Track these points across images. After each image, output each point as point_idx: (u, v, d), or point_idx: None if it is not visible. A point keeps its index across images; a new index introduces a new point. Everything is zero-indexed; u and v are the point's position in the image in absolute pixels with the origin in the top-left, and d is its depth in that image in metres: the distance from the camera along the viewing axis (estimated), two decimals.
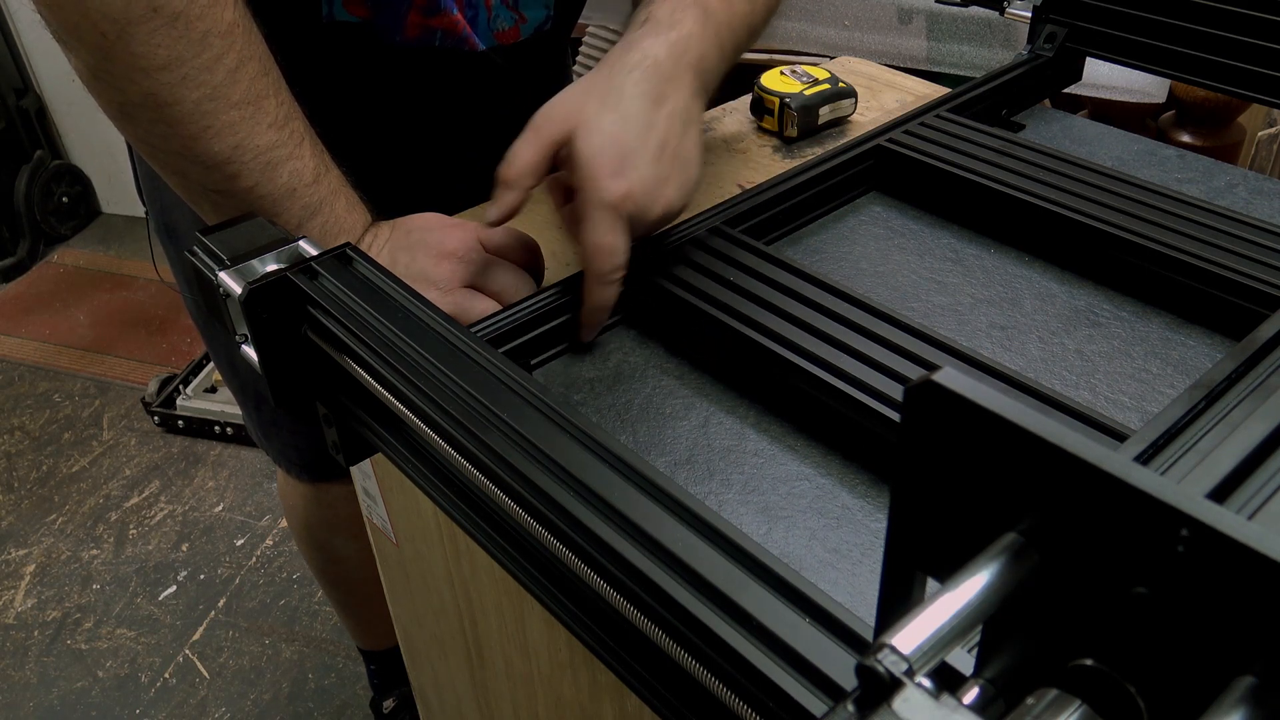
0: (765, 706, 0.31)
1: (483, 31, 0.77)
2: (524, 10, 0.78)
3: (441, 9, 0.73)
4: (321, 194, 0.62)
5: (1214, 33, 0.74)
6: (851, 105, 0.89)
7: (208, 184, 0.60)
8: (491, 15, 0.77)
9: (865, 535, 0.49)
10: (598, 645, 0.40)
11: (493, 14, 0.77)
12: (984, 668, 0.26)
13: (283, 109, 0.61)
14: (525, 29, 0.79)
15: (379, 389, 0.46)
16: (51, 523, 1.80)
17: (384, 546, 0.75)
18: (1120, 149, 0.79)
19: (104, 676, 1.53)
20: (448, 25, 0.74)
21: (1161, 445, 0.36)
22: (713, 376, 0.59)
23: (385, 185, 0.69)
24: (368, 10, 0.72)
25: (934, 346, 0.54)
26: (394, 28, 0.73)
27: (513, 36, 0.79)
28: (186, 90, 0.57)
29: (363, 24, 0.72)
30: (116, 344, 2.21)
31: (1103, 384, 0.56)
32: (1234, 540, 0.19)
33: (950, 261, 0.67)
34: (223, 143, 0.58)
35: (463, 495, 0.46)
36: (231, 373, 0.96)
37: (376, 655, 1.37)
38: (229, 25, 0.58)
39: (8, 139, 2.40)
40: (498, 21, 0.77)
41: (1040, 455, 0.22)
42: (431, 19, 0.73)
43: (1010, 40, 1.47)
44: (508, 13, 0.78)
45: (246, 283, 0.49)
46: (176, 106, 0.57)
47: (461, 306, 0.60)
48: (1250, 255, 0.60)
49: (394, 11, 0.72)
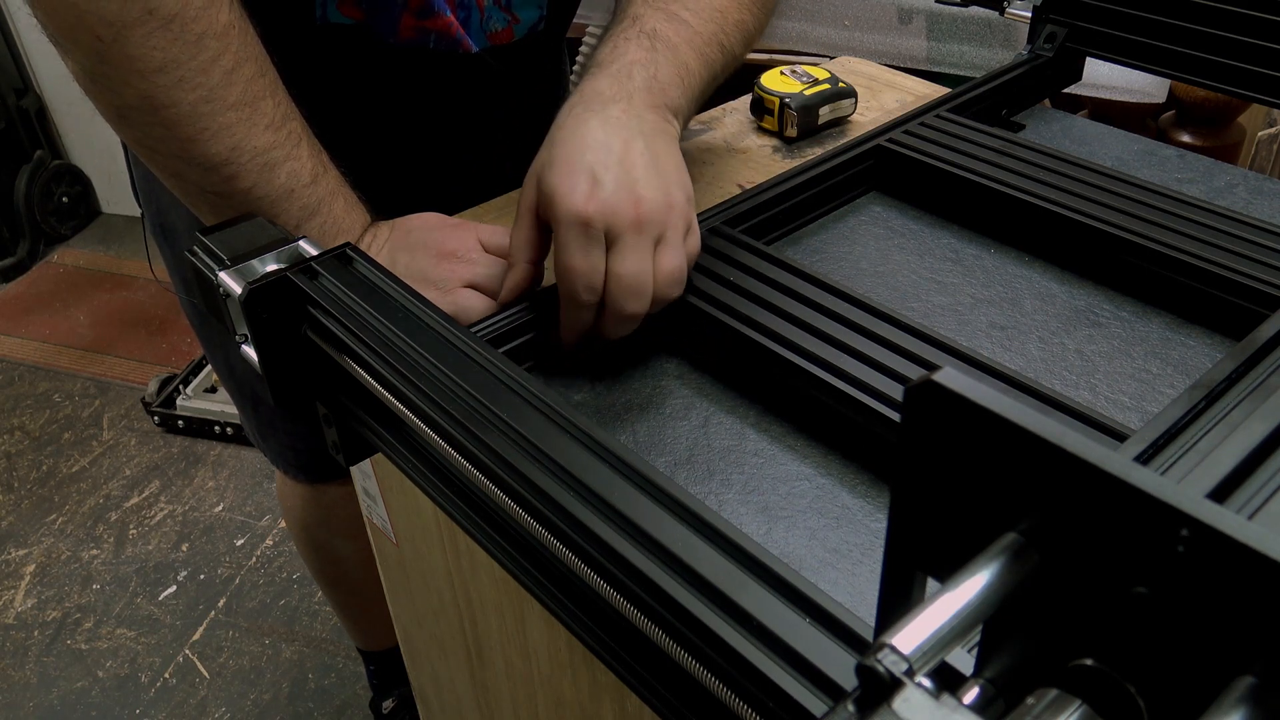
0: (765, 706, 0.31)
1: (475, 32, 0.77)
2: (517, 11, 0.78)
3: (435, 11, 0.73)
4: (320, 194, 0.62)
5: (1214, 33, 0.74)
6: (851, 105, 0.89)
7: (205, 185, 0.60)
8: (484, 16, 0.76)
9: (865, 535, 0.49)
10: (598, 645, 0.40)
11: (485, 15, 0.76)
12: (984, 668, 0.26)
13: (280, 110, 0.61)
14: (519, 29, 0.79)
15: (379, 389, 0.46)
16: (51, 523, 1.80)
17: (384, 546, 0.75)
18: (1120, 149, 0.79)
19: (104, 676, 1.53)
20: (441, 27, 0.74)
21: (1161, 445, 0.36)
22: (713, 376, 0.59)
23: (381, 186, 0.69)
24: (361, 13, 0.71)
25: (934, 346, 0.54)
26: (388, 30, 0.73)
27: (506, 37, 0.79)
28: (183, 92, 0.57)
29: (356, 26, 0.72)
30: (116, 344, 2.21)
31: (1103, 384, 0.56)
32: (1234, 540, 0.19)
33: (950, 261, 0.67)
34: (220, 144, 0.58)
35: (463, 495, 0.46)
36: (229, 374, 0.96)
37: (376, 655, 1.37)
38: (224, 27, 0.58)
39: (8, 139, 2.40)
40: (490, 22, 0.77)
41: (1040, 455, 0.22)
42: (425, 21, 0.73)
43: (1010, 40, 1.47)
44: (500, 14, 0.77)
45: (246, 283, 0.49)
46: (173, 109, 0.57)
47: (461, 306, 0.60)
48: (1250, 255, 0.60)
49: (387, 14, 0.72)
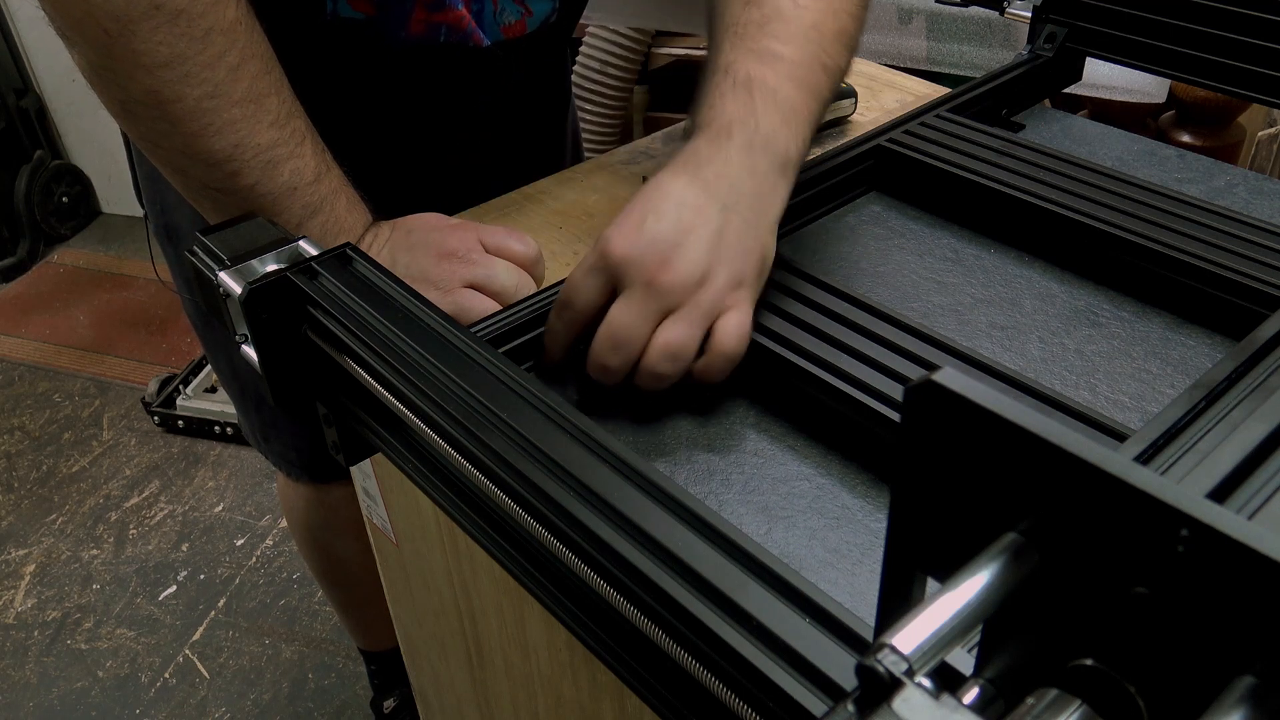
0: (765, 706, 0.31)
1: (489, 25, 0.76)
2: (530, 3, 0.78)
3: (447, 4, 0.72)
4: (322, 193, 0.62)
5: (1214, 33, 0.74)
6: (851, 105, 0.89)
7: (209, 182, 0.60)
8: (498, 8, 0.76)
9: (865, 535, 0.49)
10: (598, 645, 0.40)
11: (499, 7, 0.76)
12: (984, 668, 0.26)
13: (284, 107, 0.61)
14: (531, 22, 0.78)
15: (379, 389, 0.46)
16: (51, 523, 1.80)
17: (384, 546, 0.75)
18: (1120, 149, 0.79)
19: (104, 676, 1.53)
20: (453, 20, 0.73)
21: (1161, 445, 0.36)
22: None
23: (386, 184, 0.69)
24: (373, 7, 0.71)
25: (934, 346, 0.54)
26: (398, 24, 0.72)
27: (519, 30, 0.78)
28: (188, 88, 0.57)
29: (367, 21, 0.72)
30: (116, 344, 2.21)
31: (1103, 384, 0.56)
32: (1234, 540, 0.19)
33: (950, 261, 0.67)
34: (224, 140, 0.58)
35: (463, 495, 0.46)
36: (231, 375, 0.95)
37: (377, 656, 1.37)
38: (231, 23, 0.58)
39: (8, 139, 2.40)
40: (504, 15, 0.76)
41: (1040, 455, 0.22)
42: (436, 14, 0.72)
43: (1010, 40, 1.47)
44: (514, 6, 0.77)
45: (246, 283, 0.49)
46: (178, 104, 0.57)
47: (461, 306, 0.60)
48: (1250, 255, 0.60)
49: (399, 7, 0.71)
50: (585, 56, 1.77)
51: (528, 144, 0.91)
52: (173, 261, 0.91)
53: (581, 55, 1.77)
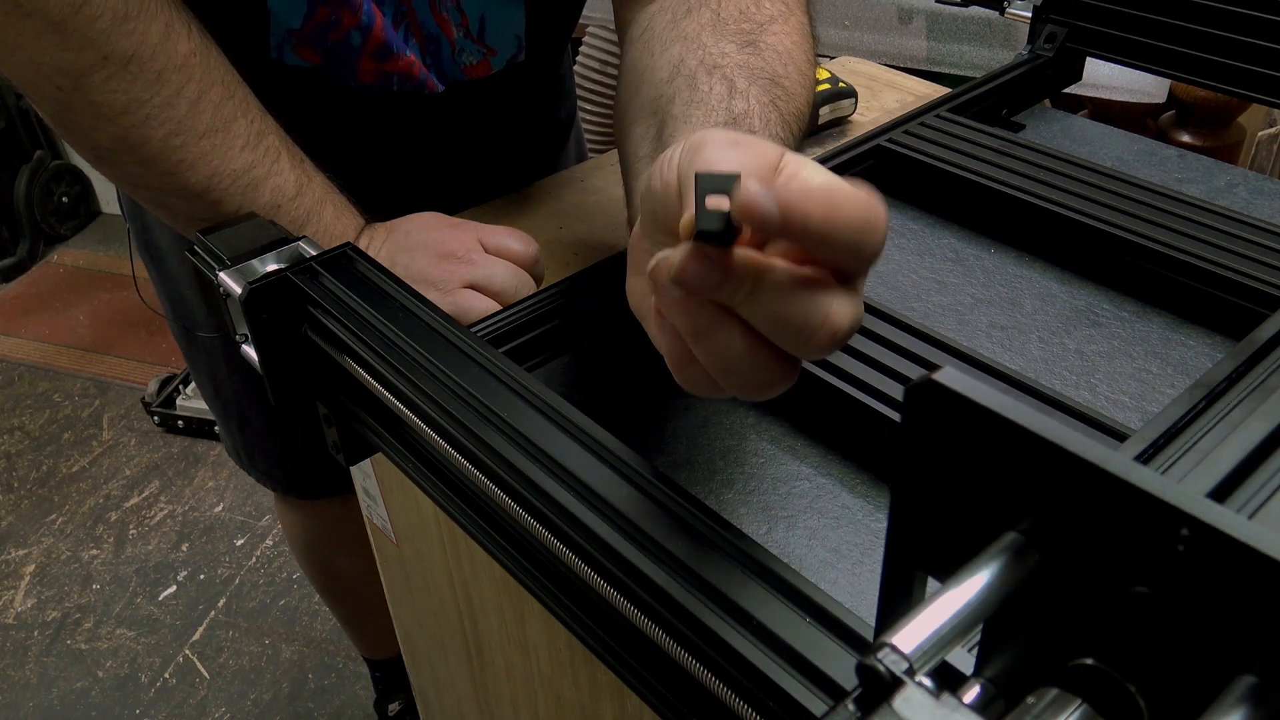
0: (765, 706, 0.31)
1: (449, 66, 0.73)
2: (490, 43, 0.74)
3: (394, 53, 0.69)
4: (307, 205, 0.62)
5: (1214, 33, 0.74)
6: (851, 105, 0.89)
7: (192, 214, 0.60)
8: (455, 50, 0.73)
9: (865, 535, 0.49)
10: (598, 645, 0.40)
11: (457, 48, 0.73)
12: (984, 667, 0.26)
13: (253, 128, 0.60)
14: (496, 62, 0.76)
15: (379, 389, 0.46)
16: (51, 523, 1.80)
17: (384, 546, 0.76)
18: (1120, 149, 0.79)
19: (104, 676, 1.53)
20: (403, 69, 0.70)
21: (1162, 445, 0.36)
22: None
23: (380, 190, 0.68)
24: (318, 56, 0.69)
25: (934, 346, 0.54)
26: (348, 73, 0.70)
27: (482, 70, 0.75)
28: (151, 129, 0.56)
29: (314, 69, 0.70)
30: (116, 344, 2.21)
31: (1103, 384, 0.56)
32: (1234, 540, 0.19)
33: (950, 261, 0.67)
34: (198, 173, 0.58)
35: (463, 495, 0.46)
36: (213, 394, 0.95)
37: (381, 663, 1.37)
38: (184, 57, 0.57)
39: (8, 139, 2.40)
40: (463, 56, 0.74)
41: (1041, 454, 0.22)
42: (384, 64, 0.70)
43: (1010, 40, 1.47)
44: (473, 45, 0.74)
45: (247, 282, 0.49)
46: (145, 146, 0.57)
47: (461, 306, 0.60)
48: (1250, 255, 0.60)
49: (345, 59, 0.69)
50: (585, 56, 1.77)
51: (527, 145, 0.91)
52: (155, 278, 0.91)
53: (581, 55, 1.77)
